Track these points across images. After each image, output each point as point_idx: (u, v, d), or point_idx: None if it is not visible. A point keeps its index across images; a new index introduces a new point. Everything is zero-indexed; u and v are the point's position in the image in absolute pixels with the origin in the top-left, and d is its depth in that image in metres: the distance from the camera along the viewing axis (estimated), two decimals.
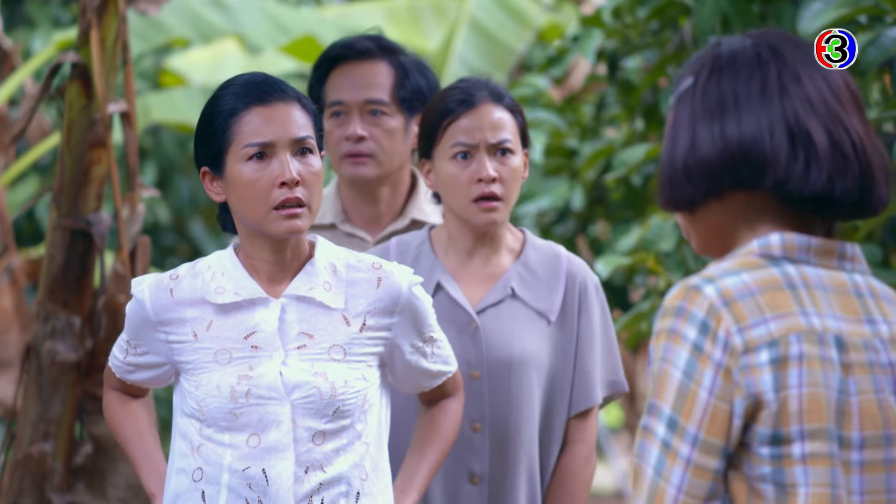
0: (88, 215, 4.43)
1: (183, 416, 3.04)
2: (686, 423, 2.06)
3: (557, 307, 3.41)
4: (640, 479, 2.08)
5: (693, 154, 2.15)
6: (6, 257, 5.90)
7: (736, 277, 2.09)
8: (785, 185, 2.12)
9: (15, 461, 4.46)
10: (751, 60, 2.16)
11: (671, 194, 2.18)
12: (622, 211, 5.42)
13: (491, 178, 3.35)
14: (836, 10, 3.68)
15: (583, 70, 8.00)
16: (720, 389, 2.06)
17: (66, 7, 9.67)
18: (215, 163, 3.01)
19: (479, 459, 3.37)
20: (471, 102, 3.38)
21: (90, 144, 4.43)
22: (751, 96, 2.15)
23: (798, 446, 2.06)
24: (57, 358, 4.44)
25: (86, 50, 4.41)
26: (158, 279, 3.06)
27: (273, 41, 7.73)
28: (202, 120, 3.04)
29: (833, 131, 2.13)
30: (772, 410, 2.05)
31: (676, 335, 2.08)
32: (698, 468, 2.06)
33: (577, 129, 5.61)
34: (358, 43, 3.82)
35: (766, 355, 2.06)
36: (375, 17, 8.39)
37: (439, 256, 3.45)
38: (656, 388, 2.08)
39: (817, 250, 2.14)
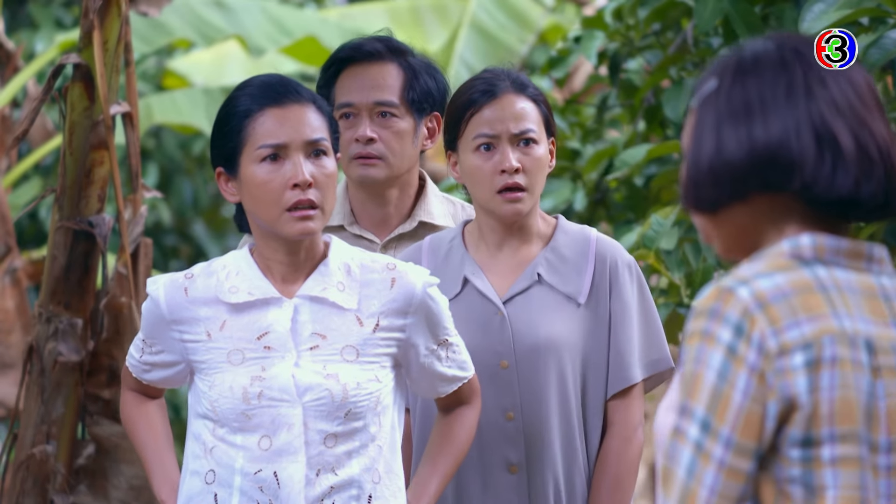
0: (91, 217, 4.44)
1: (197, 417, 3.04)
2: (720, 424, 2.05)
3: (586, 289, 3.41)
4: (671, 481, 2.06)
5: (719, 156, 2.14)
6: (8, 258, 5.90)
7: (769, 279, 2.08)
8: (812, 187, 2.11)
9: (17, 462, 4.46)
10: (775, 63, 2.16)
11: (695, 195, 2.17)
12: (624, 212, 5.42)
13: (514, 169, 3.35)
14: (838, 11, 3.68)
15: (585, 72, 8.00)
16: (754, 392, 2.05)
17: (68, 9, 9.68)
18: (230, 163, 3.02)
19: (514, 448, 3.38)
20: (493, 93, 3.39)
21: (92, 146, 4.43)
22: (777, 99, 2.14)
23: (828, 449, 2.06)
24: (59, 359, 4.44)
25: (88, 51, 4.41)
26: (173, 278, 3.07)
27: (275, 42, 7.73)
28: (218, 121, 3.05)
29: (859, 134, 2.12)
30: (805, 413, 2.05)
31: (710, 337, 2.07)
32: (732, 470, 2.05)
33: (579, 130, 5.61)
34: (367, 44, 3.82)
35: (801, 358, 2.05)
36: (377, 18, 8.40)
37: (470, 250, 3.46)
38: (689, 389, 2.07)
39: (847, 252, 2.13)
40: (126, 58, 4.54)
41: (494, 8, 8.11)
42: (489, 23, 8.05)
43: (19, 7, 9.67)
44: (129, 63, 4.56)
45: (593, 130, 5.62)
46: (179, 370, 3.09)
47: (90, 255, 4.47)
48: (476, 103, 3.39)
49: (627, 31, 5.11)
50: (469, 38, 8.01)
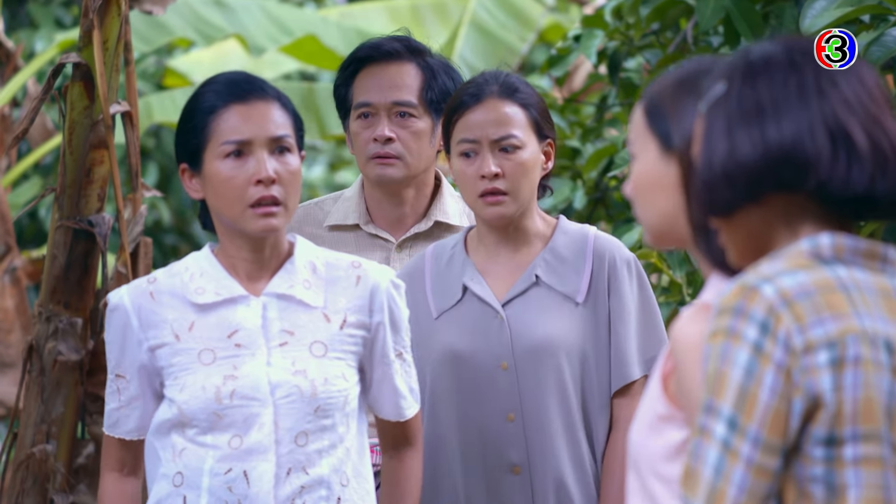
0: (90, 216, 4.43)
1: (164, 434, 3.02)
2: (747, 422, 2.04)
3: (584, 288, 3.41)
4: (696, 480, 2.04)
5: (733, 159, 2.13)
6: (8, 258, 5.90)
7: (792, 277, 2.08)
8: (827, 186, 2.10)
9: (17, 462, 4.46)
10: (785, 64, 2.15)
11: (710, 199, 2.16)
12: (624, 210, 5.42)
13: (493, 175, 3.36)
14: (839, 9, 3.67)
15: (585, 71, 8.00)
16: (781, 389, 2.04)
17: (68, 8, 9.68)
18: (194, 160, 3.01)
19: (517, 449, 3.38)
20: (478, 97, 3.40)
21: (92, 145, 4.43)
22: (789, 99, 2.13)
23: (850, 448, 2.05)
24: (59, 358, 4.44)
25: (88, 51, 4.41)
26: (136, 284, 3.06)
27: (275, 41, 7.72)
28: (182, 117, 3.05)
29: (872, 131, 2.12)
30: (830, 411, 2.04)
31: (736, 334, 2.06)
32: (760, 468, 2.04)
33: (579, 129, 5.61)
34: (386, 44, 3.82)
35: (825, 356, 2.05)
36: (377, 17, 8.40)
37: (471, 255, 3.47)
38: (714, 387, 2.06)
39: (864, 253, 2.13)
40: (126, 57, 4.53)
41: (495, 7, 8.10)
42: (489, 21, 8.04)
43: (19, 6, 9.67)
44: (128, 62, 4.56)
45: (593, 129, 5.62)
46: (147, 408, 3.05)
47: (90, 254, 4.46)
48: (461, 107, 3.41)
49: (627, 29, 5.11)
50: (469, 37, 8.00)
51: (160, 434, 3.02)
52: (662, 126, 2.34)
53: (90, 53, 4.39)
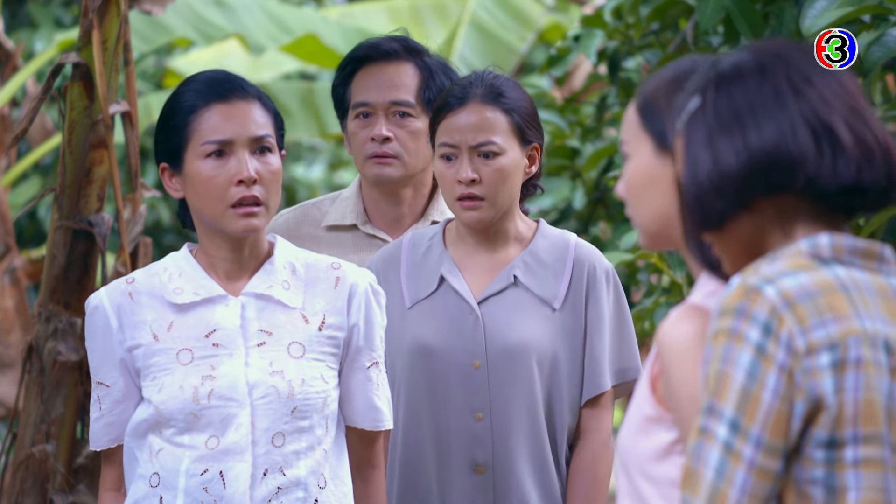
0: (90, 216, 4.43)
1: (141, 435, 3.01)
2: (750, 424, 2.03)
3: (562, 294, 3.41)
4: (697, 481, 2.04)
5: (718, 170, 2.13)
6: (8, 258, 5.90)
7: (794, 279, 2.07)
8: (816, 181, 2.10)
9: (17, 462, 4.45)
10: (756, 70, 2.15)
11: (701, 212, 2.15)
12: (623, 211, 5.42)
13: (469, 180, 3.36)
14: (840, 9, 3.67)
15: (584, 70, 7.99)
16: (783, 391, 2.03)
17: (67, 8, 9.68)
18: (174, 159, 3.01)
19: (482, 449, 3.38)
20: (461, 101, 3.40)
21: (92, 145, 4.42)
22: (765, 103, 2.13)
23: (851, 450, 2.05)
24: (58, 358, 4.43)
25: (87, 51, 4.40)
26: (114, 284, 3.05)
27: (275, 41, 7.72)
28: (162, 116, 3.04)
29: (853, 124, 2.12)
30: (831, 414, 2.04)
31: (738, 336, 2.05)
32: (761, 470, 2.03)
33: (579, 129, 5.60)
34: (384, 44, 3.82)
35: (827, 358, 2.04)
36: (377, 16, 8.39)
37: (449, 249, 3.46)
38: (716, 389, 2.05)
39: (861, 252, 2.13)
40: (125, 57, 4.53)
41: (494, 6, 8.10)
42: (489, 21, 8.04)
43: (19, 6, 9.66)
44: (128, 62, 4.56)
45: (593, 129, 5.61)
46: (130, 413, 3.04)
47: (89, 254, 4.46)
48: (445, 109, 3.41)
49: (627, 29, 5.11)
50: (469, 37, 8.00)
51: (137, 435, 3.01)
52: (657, 125, 2.33)
53: (90, 53, 4.39)
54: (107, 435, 3.07)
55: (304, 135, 8.40)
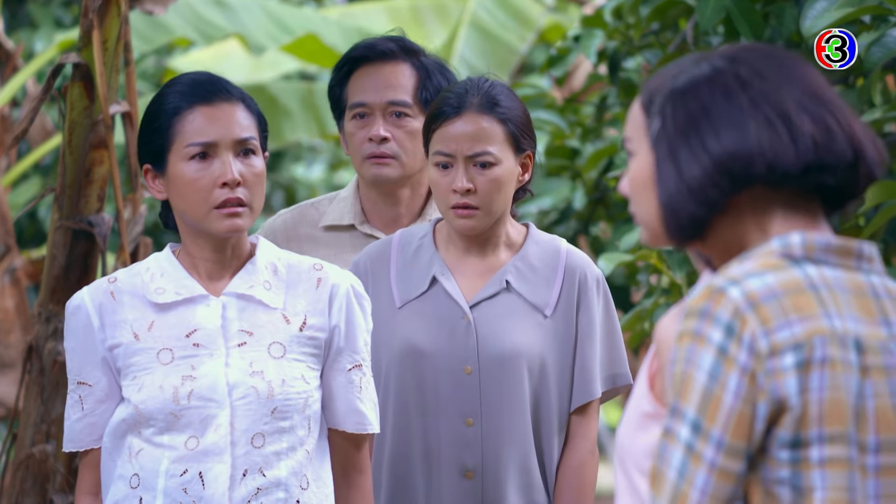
0: (90, 216, 4.43)
1: (120, 435, 3.01)
2: (711, 426, 2.05)
3: (553, 301, 3.41)
4: (662, 481, 2.06)
5: (684, 181, 2.15)
6: (8, 258, 5.90)
7: (760, 279, 2.08)
8: (777, 167, 2.12)
9: (17, 462, 4.45)
10: (707, 76, 2.18)
11: (677, 226, 2.17)
12: (623, 211, 5.42)
13: (465, 190, 3.36)
14: (840, 9, 3.67)
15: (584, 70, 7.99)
16: (745, 393, 2.04)
17: (67, 8, 9.68)
18: (157, 161, 3.01)
19: (472, 454, 3.38)
20: (458, 110, 3.38)
21: (92, 145, 4.42)
22: (717, 103, 2.15)
23: (816, 450, 2.05)
24: (58, 359, 4.43)
25: (87, 51, 4.40)
26: (96, 284, 3.06)
27: (275, 41, 7.72)
28: (146, 117, 3.04)
29: (810, 107, 2.14)
30: (795, 414, 2.04)
31: (701, 337, 2.06)
32: (722, 471, 2.05)
33: (579, 129, 5.60)
34: (381, 44, 3.82)
35: (791, 359, 2.05)
36: (377, 16, 8.39)
37: (440, 250, 3.46)
38: (680, 390, 2.07)
39: (836, 250, 2.13)
40: (126, 57, 4.53)
41: (494, 7, 8.10)
42: (489, 21, 8.04)
43: (19, 6, 9.66)
44: (128, 62, 4.56)
45: (592, 129, 5.61)
46: (112, 412, 3.04)
47: (89, 254, 4.46)
48: (441, 117, 3.40)
49: (627, 29, 5.11)
50: (469, 37, 8.00)
51: (117, 435, 3.01)
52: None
53: (90, 53, 4.39)
54: (89, 435, 3.07)
55: (304, 135, 8.40)
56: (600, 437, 12.63)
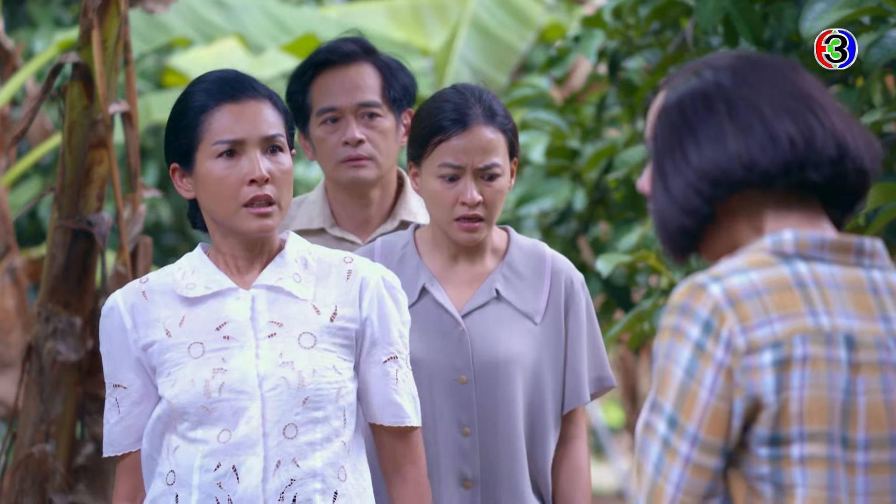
0: (90, 215, 4.43)
1: (159, 433, 3.03)
2: (686, 421, 2.07)
3: (542, 308, 3.42)
4: (641, 475, 2.09)
5: (669, 192, 2.18)
6: (8, 257, 5.90)
7: (743, 276, 2.09)
8: (754, 168, 2.13)
9: (16, 461, 4.45)
10: (693, 90, 2.21)
11: (669, 237, 2.21)
12: (623, 211, 5.42)
13: (475, 203, 3.35)
14: (839, 10, 3.67)
15: (584, 70, 7.99)
16: (721, 389, 2.06)
17: (67, 7, 9.68)
18: (185, 159, 3.01)
19: (469, 463, 3.38)
20: (464, 123, 3.36)
21: (91, 145, 4.42)
22: (699, 117, 2.18)
23: (797, 448, 2.07)
24: (58, 358, 4.43)
25: (87, 50, 4.40)
26: (129, 286, 3.07)
27: (274, 40, 7.73)
28: (172, 116, 3.04)
29: (791, 108, 2.16)
30: (771, 412, 2.06)
31: (680, 333, 2.08)
32: (697, 467, 2.07)
33: (579, 129, 5.60)
34: (343, 46, 3.81)
35: (769, 356, 2.06)
36: (377, 16, 8.39)
37: (424, 259, 3.45)
38: (659, 385, 2.09)
39: (832, 246, 2.14)
40: (125, 56, 4.53)
41: (494, 6, 8.10)
42: (489, 21, 8.04)
43: (18, 6, 9.66)
44: (128, 62, 4.56)
45: (592, 130, 5.62)
46: (148, 412, 3.05)
47: (89, 254, 4.46)
48: (445, 131, 3.37)
49: (627, 29, 5.11)
50: (469, 37, 8.00)
51: (155, 434, 3.03)
52: None
53: (89, 53, 4.39)
54: (127, 438, 3.07)
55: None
56: (600, 437, 12.63)
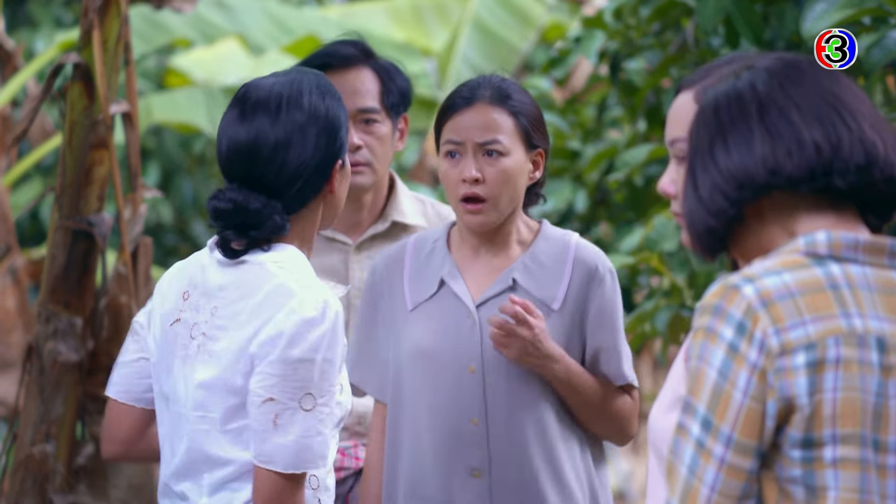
0: (90, 216, 4.43)
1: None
2: (720, 423, 2.06)
3: (561, 295, 3.40)
4: (674, 477, 2.08)
5: (697, 192, 2.18)
6: (9, 258, 5.90)
7: (777, 277, 2.09)
8: (778, 173, 2.14)
9: (16, 462, 4.45)
10: (729, 89, 2.21)
11: (697, 237, 2.21)
12: (625, 212, 5.42)
13: (473, 179, 3.36)
14: (840, 11, 3.67)
15: (585, 70, 7.99)
16: (754, 390, 2.06)
17: (68, 8, 9.68)
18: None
19: (478, 453, 3.37)
20: (469, 101, 3.40)
21: (92, 145, 4.42)
22: (733, 121, 2.18)
23: (830, 450, 2.06)
24: (58, 358, 4.43)
25: (88, 51, 4.40)
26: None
27: (275, 41, 7.73)
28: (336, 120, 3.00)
29: (821, 114, 2.16)
30: (804, 414, 2.05)
31: (713, 334, 2.08)
32: (732, 468, 2.06)
33: (580, 130, 5.60)
34: (342, 50, 3.80)
35: (803, 358, 2.06)
36: (378, 17, 8.39)
37: (452, 252, 3.46)
38: (692, 386, 2.08)
39: (866, 248, 2.13)
40: (126, 57, 4.53)
41: (496, 6, 8.10)
42: (491, 20, 8.04)
43: (19, 6, 9.67)
44: (128, 62, 4.56)
45: (593, 130, 5.62)
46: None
47: (90, 254, 4.46)
48: (451, 109, 3.41)
49: (627, 30, 5.11)
50: (471, 36, 8.00)
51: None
52: None
53: (90, 53, 4.39)
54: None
55: None
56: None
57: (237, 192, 2.85)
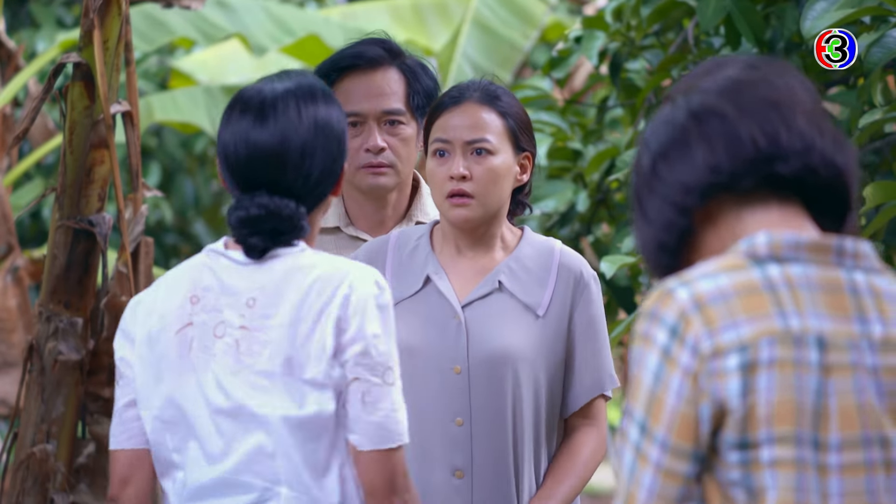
0: (91, 216, 4.43)
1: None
2: (655, 427, 2.07)
3: (546, 301, 3.42)
4: (619, 481, 2.10)
5: (646, 218, 2.20)
6: (10, 258, 5.90)
7: (712, 281, 2.10)
8: (720, 167, 2.15)
9: (17, 461, 4.46)
10: (665, 119, 2.24)
11: (652, 258, 2.23)
12: (625, 212, 5.41)
13: (460, 176, 3.38)
14: (840, 10, 3.67)
15: (585, 71, 7.99)
16: (687, 394, 2.06)
17: (69, 8, 9.69)
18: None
19: (461, 453, 3.38)
20: (458, 101, 3.43)
21: (93, 145, 4.43)
22: (672, 139, 2.20)
23: (766, 451, 2.06)
24: (59, 358, 4.44)
25: (88, 51, 4.41)
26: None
27: (277, 41, 7.73)
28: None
29: (757, 112, 2.17)
30: (738, 416, 2.06)
31: (648, 339, 2.09)
32: (668, 472, 2.07)
33: (580, 131, 5.60)
34: (369, 50, 3.79)
35: (735, 360, 2.06)
36: (379, 16, 8.40)
37: (435, 250, 3.47)
38: (631, 391, 2.11)
39: (809, 247, 2.13)
40: (126, 57, 4.54)
41: (497, 5, 8.10)
42: (492, 19, 8.04)
43: (20, 6, 9.67)
44: (129, 62, 4.56)
45: (594, 131, 5.61)
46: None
47: (90, 254, 4.46)
48: (440, 108, 3.44)
49: (628, 31, 5.11)
50: (472, 35, 8.00)
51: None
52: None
53: (91, 53, 4.40)
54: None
55: None
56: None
57: (268, 199, 2.80)
